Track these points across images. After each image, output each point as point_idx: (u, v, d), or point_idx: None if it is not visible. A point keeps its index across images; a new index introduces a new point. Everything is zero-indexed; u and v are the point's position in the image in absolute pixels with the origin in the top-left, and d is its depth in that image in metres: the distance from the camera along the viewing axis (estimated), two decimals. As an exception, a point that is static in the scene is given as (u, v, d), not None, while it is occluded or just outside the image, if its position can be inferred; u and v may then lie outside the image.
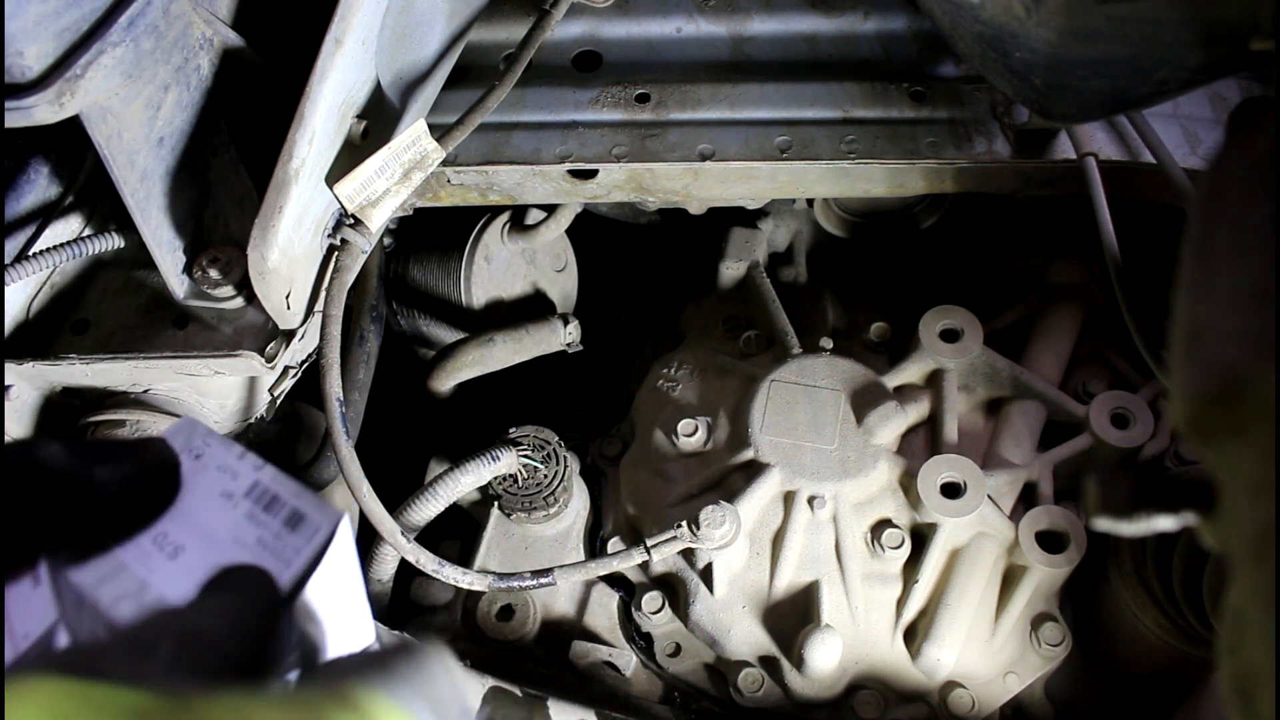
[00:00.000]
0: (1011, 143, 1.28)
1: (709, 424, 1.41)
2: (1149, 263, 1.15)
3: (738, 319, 1.58)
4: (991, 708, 1.29)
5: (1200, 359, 0.52)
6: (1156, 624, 1.26)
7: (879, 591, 1.29)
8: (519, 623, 1.36)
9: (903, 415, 1.34)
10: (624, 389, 1.65)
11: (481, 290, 1.60)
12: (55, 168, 1.27)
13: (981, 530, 1.28)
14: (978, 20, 1.06)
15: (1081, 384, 1.43)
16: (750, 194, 1.38)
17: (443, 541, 1.46)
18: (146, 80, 1.05)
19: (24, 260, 1.14)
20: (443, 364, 1.50)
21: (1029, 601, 1.27)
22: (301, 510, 0.55)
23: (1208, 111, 1.29)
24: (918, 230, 1.62)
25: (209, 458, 0.58)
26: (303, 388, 1.27)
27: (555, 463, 1.39)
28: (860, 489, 1.31)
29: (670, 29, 1.42)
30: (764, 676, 1.29)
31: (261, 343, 1.14)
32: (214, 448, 0.58)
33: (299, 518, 0.55)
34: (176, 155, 1.13)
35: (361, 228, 1.14)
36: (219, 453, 0.58)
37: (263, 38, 1.19)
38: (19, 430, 1.18)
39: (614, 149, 1.30)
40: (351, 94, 1.11)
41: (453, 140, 1.18)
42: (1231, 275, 0.52)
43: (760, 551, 1.31)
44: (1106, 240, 1.17)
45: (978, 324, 1.38)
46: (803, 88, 1.35)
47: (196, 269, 1.14)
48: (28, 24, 0.90)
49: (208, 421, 1.21)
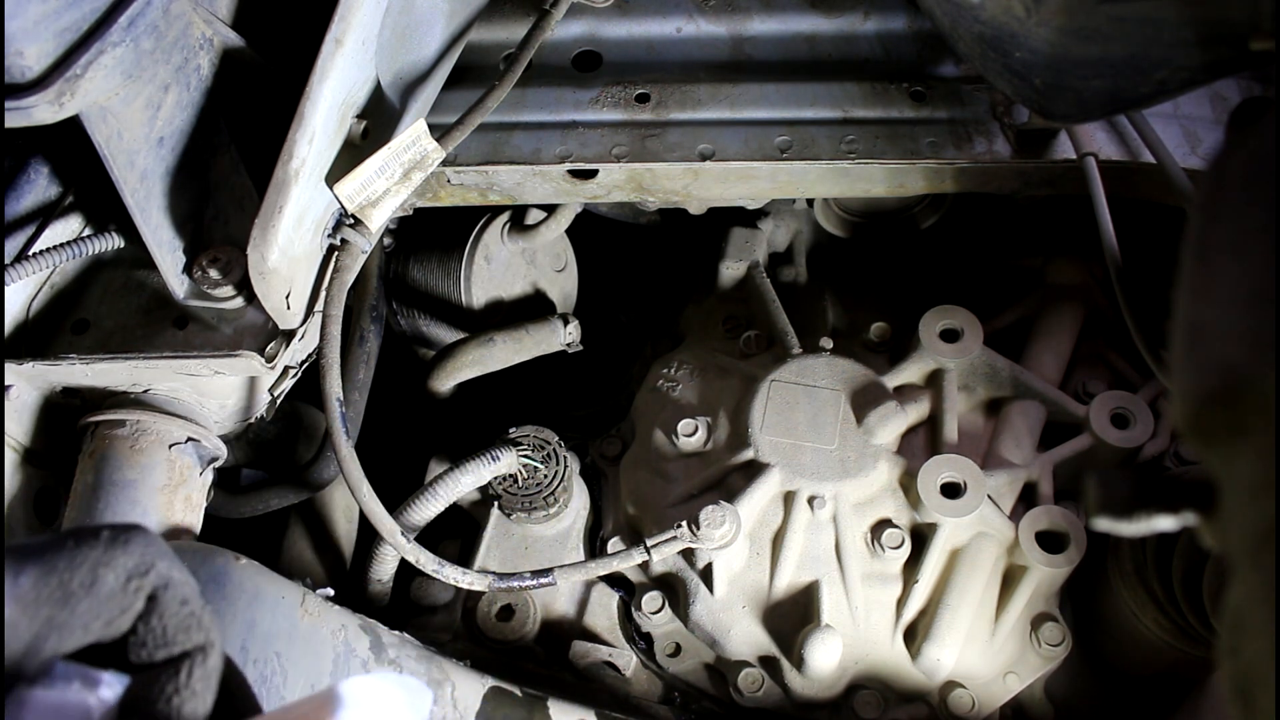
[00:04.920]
0: (1011, 143, 1.28)
1: (709, 424, 1.41)
2: (1149, 263, 1.15)
3: (738, 319, 1.58)
4: (991, 708, 1.29)
5: (1200, 359, 0.52)
6: (1156, 624, 1.26)
7: (879, 591, 1.29)
8: (519, 623, 1.36)
9: (903, 415, 1.34)
10: (624, 389, 1.65)
11: (481, 290, 1.60)
12: (55, 168, 1.27)
13: (981, 530, 1.28)
14: (978, 20, 1.06)
15: (1081, 384, 1.43)
16: (750, 194, 1.38)
17: (443, 541, 1.46)
18: (146, 80, 1.05)
19: (24, 260, 1.13)
20: (443, 364, 1.50)
21: (1029, 601, 1.27)
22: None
23: (1208, 111, 1.29)
24: (918, 230, 1.62)
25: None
26: (303, 388, 1.27)
27: (555, 463, 1.39)
28: (860, 489, 1.31)
29: (670, 29, 1.42)
30: (764, 676, 1.29)
31: (261, 343, 1.13)
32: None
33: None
34: (176, 155, 1.12)
35: (361, 228, 1.14)
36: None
37: (263, 38, 1.19)
38: (19, 430, 1.18)
39: (614, 149, 1.30)
40: (351, 94, 1.11)
41: (453, 140, 1.18)
42: (1231, 275, 0.52)
43: (760, 551, 1.31)
44: (1106, 240, 1.17)
45: (978, 324, 1.38)
46: (803, 88, 1.35)
47: (196, 269, 1.14)
48: (28, 24, 0.90)
49: (208, 421, 1.21)
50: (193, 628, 0.52)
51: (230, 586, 1.04)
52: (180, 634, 0.51)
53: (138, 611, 0.51)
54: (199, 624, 0.52)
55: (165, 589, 0.51)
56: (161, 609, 0.51)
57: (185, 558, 1.05)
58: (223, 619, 1.02)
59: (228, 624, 1.02)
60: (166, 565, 0.52)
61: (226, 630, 1.02)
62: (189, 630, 0.52)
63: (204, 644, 0.52)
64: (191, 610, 0.52)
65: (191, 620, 0.52)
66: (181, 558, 0.65)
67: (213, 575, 1.04)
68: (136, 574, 0.50)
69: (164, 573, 0.52)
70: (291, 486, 1.40)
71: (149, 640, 0.51)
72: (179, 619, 0.51)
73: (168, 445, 1.17)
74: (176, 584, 0.52)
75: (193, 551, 1.07)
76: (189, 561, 1.05)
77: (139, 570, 0.50)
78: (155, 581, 0.51)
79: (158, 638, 0.51)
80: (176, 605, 0.52)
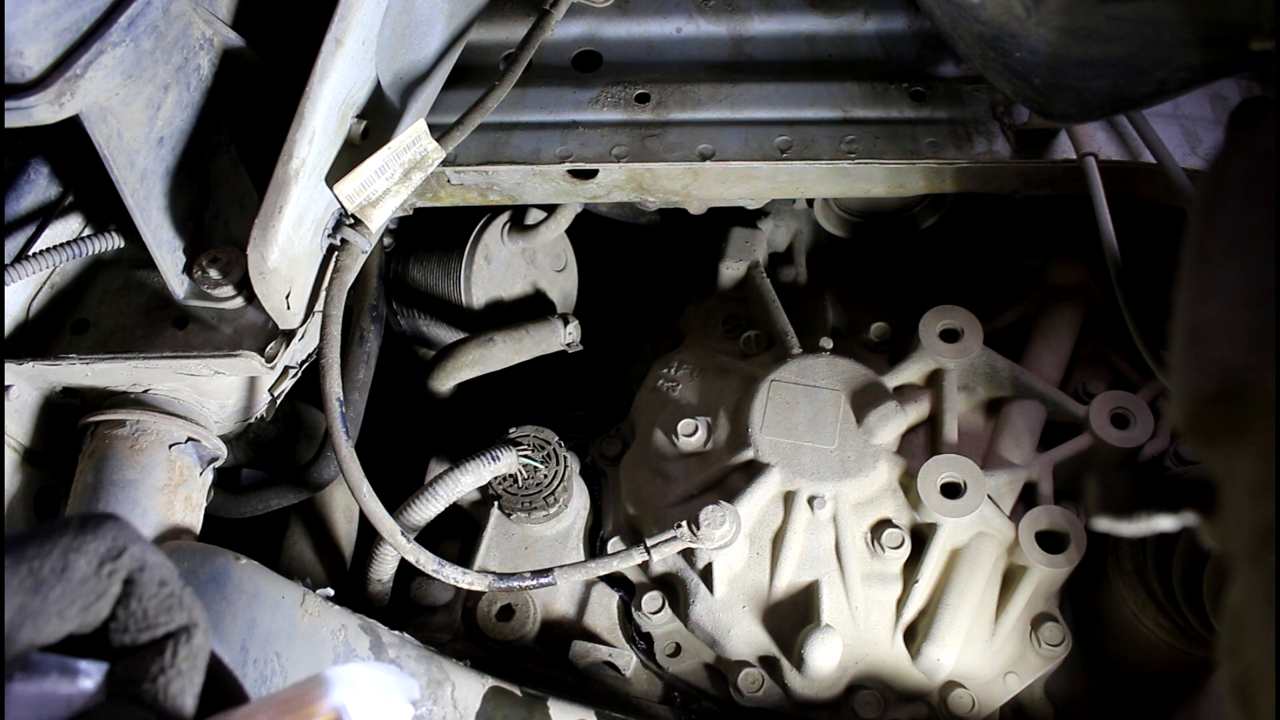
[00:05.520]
0: (1011, 143, 1.28)
1: (709, 424, 1.41)
2: (1149, 263, 1.15)
3: (738, 319, 1.58)
4: (991, 708, 1.29)
5: (1200, 359, 0.52)
6: (1156, 624, 1.26)
7: (879, 591, 1.29)
8: (519, 623, 1.36)
9: (903, 415, 1.34)
10: (624, 389, 1.65)
11: (481, 290, 1.60)
12: (55, 168, 1.27)
13: (981, 530, 1.27)
14: (978, 20, 1.06)
15: (1081, 384, 1.43)
16: (750, 194, 1.38)
17: (443, 541, 1.46)
18: (146, 80, 1.05)
19: (24, 260, 1.13)
20: (443, 364, 1.50)
21: (1029, 601, 1.27)
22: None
23: (1208, 111, 1.29)
24: (918, 230, 1.62)
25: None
26: (303, 388, 1.27)
27: (555, 463, 1.39)
28: (860, 489, 1.31)
29: (670, 29, 1.42)
30: (764, 676, 1.29)
31: (261, 343, 1.14)
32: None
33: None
34: (176, 155, 1.13)
35: (361, 228, 1.14)
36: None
37: (263, 38, 1.19)
38: (19, 430, 1.18)
39: (614, 149, 1.30)
40: (351, 94, 1.11)
41: (453, 140, 1.18)
42: (1231, 275, 0.52)
43: (760, 551, 1.31)
44: (1106, 240, 1.17)
45: (978, 324, 1.38)
46: (803, 88, 1.35)
47: (196, 269, 1.14)
48: (28, 24, 0.90)
49: (208, 421, 1.21)
50: (174, 608, 0.51)
51: (230, 586, 1.04)
52: (162, 615, 0.51)
53: (115, 596, 0.50)
54: (180, 604, 0.52)
55: (141, 571, 0.51)
56: (140, 591, 0.51)
57: (185, 558, 1.06)
58: (223, 619, 1.02)
59: (228, 624, 1.02)
60: (140, 549, 0.51)
61: (226, 630, 1.02)
62: (170, 611, 0.51)
63: (187, 624, 0.51)
64: (171, 591, 0.51)
65: (172, 601, 0.51)
66: (181, 558, 0.65)
67: (213, 575, 1.04)
68: (109, 558, 0.50)
69: (138, 556, 0.51)
70: (291, 486, 1.40)
71: (130, 624, 0.50)
72: (159, 600, 0.51)
73: (168, 445, 1.17)
74: (152, 566, 0.51)
75: (193, 551, 1.07)
76: (189, 561, 1.05)
77: (111, 554, 0.50)
78: (130, 564, 0.50)
79: (138, 621, 0.50)
80: (155, 587, 0.51)
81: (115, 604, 0.50)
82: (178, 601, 0.51)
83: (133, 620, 0.50)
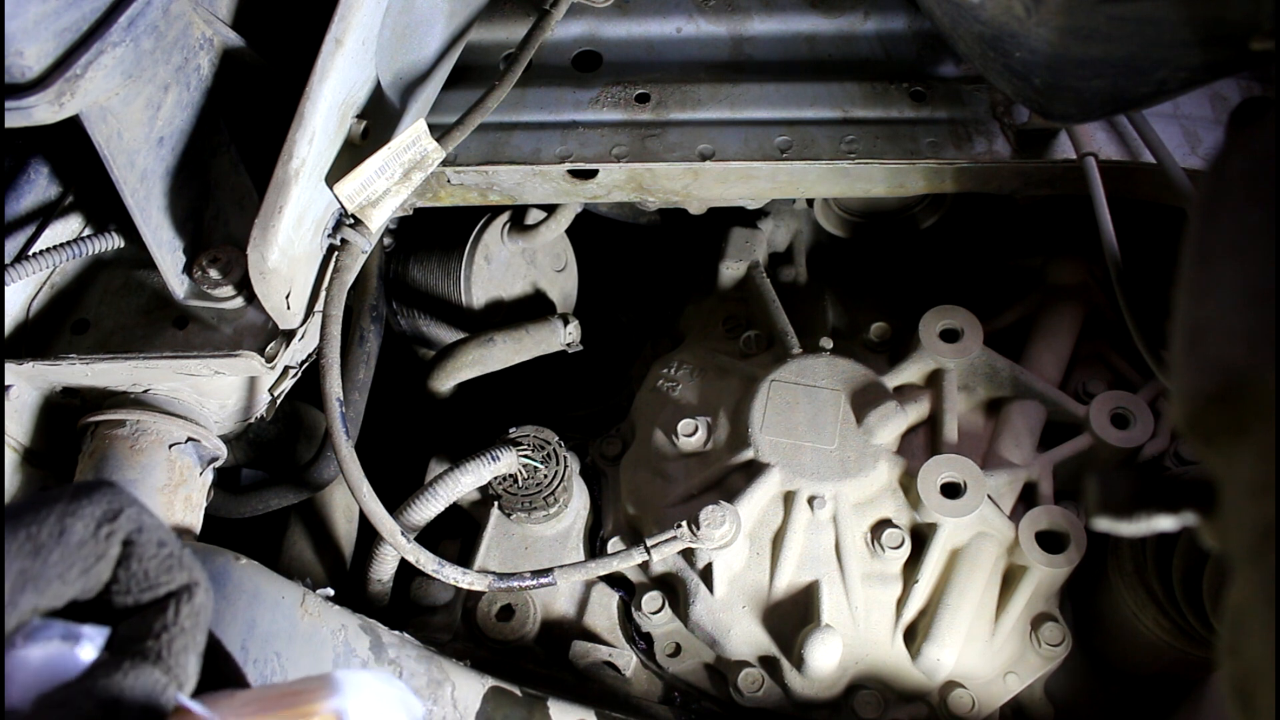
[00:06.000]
0: (1011, 143, 1.28)
1: (709, 424, 1.41)
2: (1149, 263, 1.15)
3: (738, 319, 1.58)
4: (991, 708, 1.29)
5: (1200, 359, 0.52)
6: (1156, 624, 1.26)
7: (879, 591, 1.29)
8: (519, 623, 1.36)
9: (903, 415, 1.34)
10: (624, 389, 1.65)
11: (481, 290, 1.60)
12: (55, 168, 1.27)
13: (981, 530, 1.28)
14: (978, 20, 1.06)
15: (1081, 384, 1.43)
16: (750, 194, 1.38)
17: (443, 541, 1.46)
18: (146, 80, 1.05)
19: (24, 260, 1.13)
20: (443, 364, 1.50)
21: (1029, 601, 1.27)
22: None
23: (1208, 111, 1.29)
24: (918, 230, 1.62)
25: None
26: (303, 388, 1.27)
27: (555, 463, 1.39)
28: (860, 489, 1.31)
29: (670, 29, 1.42)
30: (764, 676, 1.29)
31: (261, 343, 1.13)
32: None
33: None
34: (176, 155, 1.12)
35: (361, 228, 1.14)
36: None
37: (263, 38, 1.19)
38: (19, 430, 1.18)
39: (614, 149, 1.30)
40: (351, 94, 1.11)
41: (453, 140, 1.18)
42: (1231, 275, 0.52)
43: (760, 551, 1.31)
44: (1106, 240, 1.17)
45: (978, 324, 1.38)
46: (803, 88, 1.35)
47: (196, 269, 1.14)
48: (28, 24, 0.90)
49: (208, 421, 1.21)
50: (174, 568, 0.51)
51: (230, 586, 1.04)
52: (163, 574, 0.51)
53: (114, 558, 0.50)
54: (180, 564, 0.51)
55: (139, 533, 0.51)
56: (140, 552, 0.51)
57: (185, 558, 1.05)
58: (223, 619, 1.02)
59: (228, 624, 1.02)
60: (136, 511, 0.51)
61: (226, 630, 1.02)
62: (171, 570, 0.51)
63: (189, 583, 0.51)
64: (170, 551, 0.51)
65: (172, 560, 0.51)
66: (181, 557, 0.64)
67: (213, 575, 1.04)
68: (105, 520, 0.50)
69: (135, 518, 0.51)
70: (291, 486, 1.40)
71: (131, 585, 0.50)
72: (159, 560, 0.51)
73: (168, 445, 1.17)
74: (150, 528, 0.51)
75: (192, 551, 1.07)
76: (189, 561, 1.05)
77: (107, 516, 0.50)
78: (127, 526, 0.51)
79: (140, 581, 0.50)
80: (154, 548, 0.51)
81: (115, 566, 0.50)
82: (178, 561, 0.51)
83: (134, 581, 0.50)
